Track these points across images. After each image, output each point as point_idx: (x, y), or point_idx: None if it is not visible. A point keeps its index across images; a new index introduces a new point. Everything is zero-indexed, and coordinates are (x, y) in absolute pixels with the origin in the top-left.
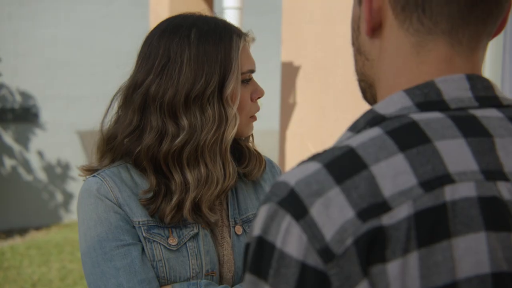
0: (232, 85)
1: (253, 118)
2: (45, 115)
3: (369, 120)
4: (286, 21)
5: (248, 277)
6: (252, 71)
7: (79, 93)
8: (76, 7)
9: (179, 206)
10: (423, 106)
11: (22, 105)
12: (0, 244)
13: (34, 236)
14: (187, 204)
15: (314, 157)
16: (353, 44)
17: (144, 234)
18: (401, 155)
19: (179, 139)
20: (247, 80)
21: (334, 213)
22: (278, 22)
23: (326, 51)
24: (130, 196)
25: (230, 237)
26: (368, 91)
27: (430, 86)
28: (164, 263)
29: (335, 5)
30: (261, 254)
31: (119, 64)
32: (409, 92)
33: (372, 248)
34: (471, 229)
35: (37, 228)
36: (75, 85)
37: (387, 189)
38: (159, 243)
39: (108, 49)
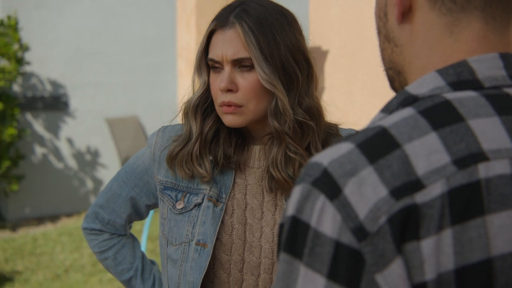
0: (199, 65)
1: (223, 108)
2: (75, 103)
3: (402, 101)
4: (314, 6)
5: (283, 256)
6: (211, 60)
7: (107, 81)
8: None
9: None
10: (456, 85)
11: (52, 94)
12: (33, 231)
13: (65, 223)
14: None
15: (347, 138)
16: (379, 32)
17: (158, 192)
18: (434, 133)
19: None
20: (213, 68)
21: (367, 192)
22: (306, 7)
23: (354, 35)
24: (165, 156)
25: (280, 215)
26: (397, 79)
27: (463, 66)
28: (167, 222)
29: None
30: (295, 234)
31: (144, 52)
32: (442, 72)
33: (406, 226)
34: (506, 206)
35: (68, 214)
36: (102, 73)
37: (420, 167)
38: (166, 203)
39: (134, 37)
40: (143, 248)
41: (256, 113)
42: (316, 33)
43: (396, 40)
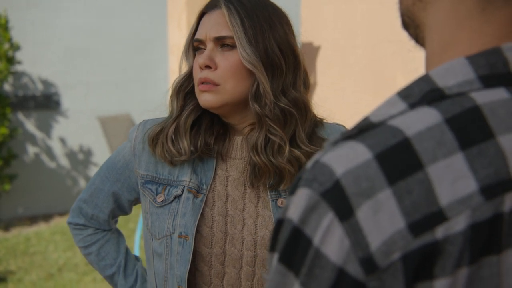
0: (186, 49)
1: (200, 87)
2: (66, 102)
3: (426, 94)
4: (305, 2)
5: (278, 266)
6: (196, 40)
7: (99, 80)
8: None
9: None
10: (487, 80)
11: (43, 93)
12: (26, 230)
13: (58, 222)
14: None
15: (362, 137)
16: None
17: (139, 186)
18: (461, 154)
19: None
20: (197, 49)
21: (383, 220)
22: (298, 3)
23: (346, 32)
24: (145, 149)
25: (262, 207)
26: (412, 28)
27: (497, 55)
28: (149, 216)
29: None
30: (295, 246)
31: (136, 50)
32: (473, 60)
33: (421, 265)
34: None
35: (61, 213)
36: (94, 72)
37: (444, 195)
38: (147, 197)
39: (126, 35)
40: (136, 245)
41: (233, 95)
42: (308, 29)
43: None
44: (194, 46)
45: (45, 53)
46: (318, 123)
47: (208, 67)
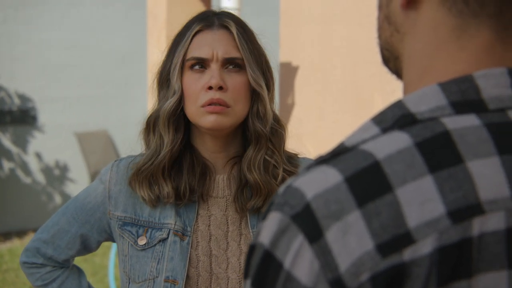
0: (175, 70)
1: (207, 108)
2: (43, 117)
3: (398, 119)
4: (284, 22)
5: None
6: (197, 58)
7: (77, 95)
8: (71, 10)
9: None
10: (459, 106)
11: (20, 108)
12: None
13: None
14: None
15: (334, 161)
16: (381, 8)
17: (117, 229)
18: (430, 177)
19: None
20: (193, 67)
21: (351, 242)
22: (276, 23)
23: (324, 52)
24: (122, 191)
25: (245, 245)
26: (392, 61)
27: (468, 82)
28: (128, 259)
29: (333, 5)
30: (266, 269)
31: (114, 66)
32: (445, 87)
33: (389, 286)
34: (493, 267)
35: (36, 230)
36: (72, 87)
37: (412, 218)
38: (127, 240)
39: (105, 51)
40: (111, 262)
41: (240, 117)
42: (286, 49)
43: (398, 26)
44: (184, 64)
45: (22, 67)
46: (293, 156)
47: (220, 88)
